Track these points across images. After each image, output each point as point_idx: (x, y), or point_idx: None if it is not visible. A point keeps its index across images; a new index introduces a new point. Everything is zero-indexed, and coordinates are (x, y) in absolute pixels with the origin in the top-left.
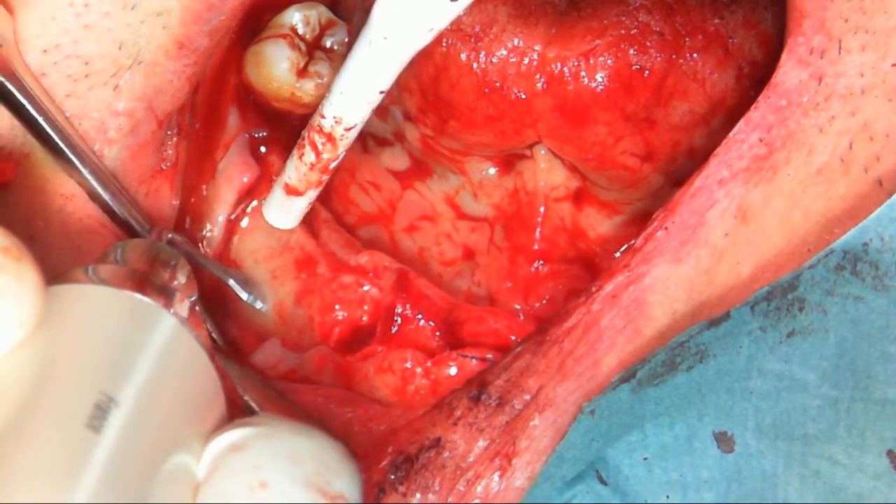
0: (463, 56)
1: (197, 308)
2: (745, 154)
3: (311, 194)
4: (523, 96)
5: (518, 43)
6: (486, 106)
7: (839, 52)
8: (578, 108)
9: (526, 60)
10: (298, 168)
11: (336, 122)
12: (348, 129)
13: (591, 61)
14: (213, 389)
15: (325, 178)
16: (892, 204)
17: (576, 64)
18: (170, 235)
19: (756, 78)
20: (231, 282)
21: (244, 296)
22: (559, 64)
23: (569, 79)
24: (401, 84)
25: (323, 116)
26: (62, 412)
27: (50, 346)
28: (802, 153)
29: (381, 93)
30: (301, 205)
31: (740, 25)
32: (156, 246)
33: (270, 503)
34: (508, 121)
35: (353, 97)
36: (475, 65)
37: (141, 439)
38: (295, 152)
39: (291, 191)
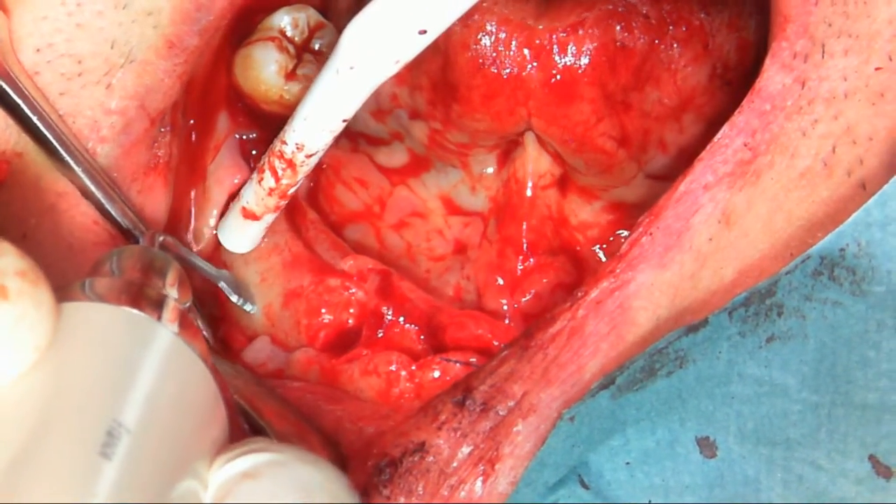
0: (457, 30)
1: (190, 312)
2: (730, 159)
3: (268, 219)
4: (515, 70)
5: (508, 15)
6: (481, 83)
7: (822, 56)
8: (566, 82)
9: (516, 34)
10: (257, 192)
11: (298, 148)
12: (309, 156)
13: (580, 32)
14: (214, 403)
15: (283, 203)
16: (868, 209)
17: (564, 35)
18: (161, 238)
19: (726, 80)
20: (222, 284)
21: (234, 298)
22: (548, 35)
23: (557, 52)
24: (413, 84)
25: (285, 142)
26: (75, 440)
27: (57, 369)
28: (786, 157)
29: (345, 121)
30: (257, 229)
31: (724, 25)
32: (149, 252)
33: None
34: (503, 99)
35: (316, 124)
36: (469, 39)
37: (150, 462)
38: (254, 176)
39: (249, 215)
